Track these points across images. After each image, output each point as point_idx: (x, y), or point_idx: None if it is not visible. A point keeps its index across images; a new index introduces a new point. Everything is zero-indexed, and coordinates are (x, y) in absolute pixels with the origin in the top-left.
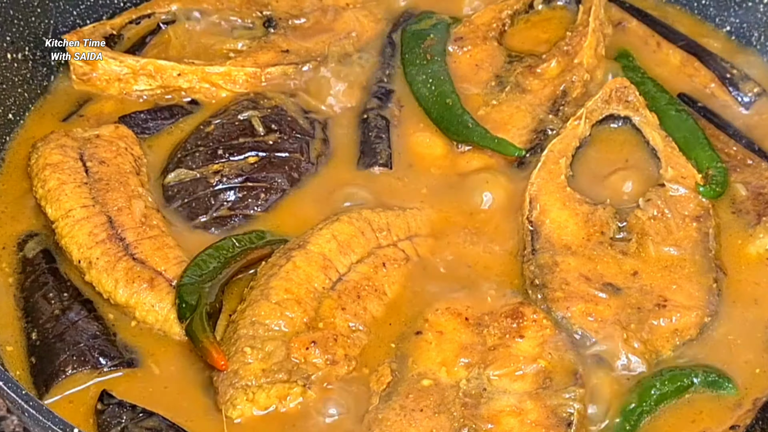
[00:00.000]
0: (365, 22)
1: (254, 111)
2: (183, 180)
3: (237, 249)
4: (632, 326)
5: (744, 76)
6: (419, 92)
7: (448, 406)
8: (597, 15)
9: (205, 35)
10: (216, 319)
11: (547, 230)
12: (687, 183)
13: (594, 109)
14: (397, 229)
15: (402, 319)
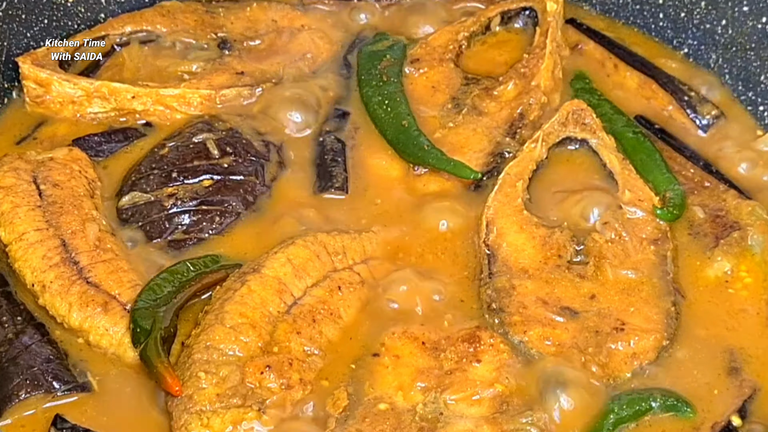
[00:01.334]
0: (320, 43)
1: (209, 134)
2: (137, 203)
3: (191, 273)
4: (590, 350)
5: (702, 99)
6: (375, 113)
7: (405, 430)
8: (554, 37)
9: (160, 57)
10: (170, 344)
11: (504, 254)
12: (644, 206)
13: (551, 131)
14: (353, 253)
15: (358, 343)
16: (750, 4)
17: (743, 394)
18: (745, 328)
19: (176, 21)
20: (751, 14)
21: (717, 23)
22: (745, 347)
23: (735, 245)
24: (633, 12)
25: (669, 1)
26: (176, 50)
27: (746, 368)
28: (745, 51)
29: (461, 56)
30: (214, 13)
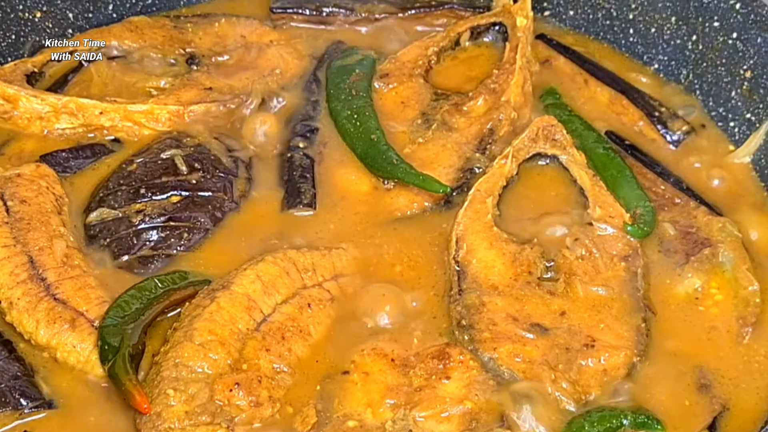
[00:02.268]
0: (289, 59)
1: (177, 149)
2: (105, 219)
3: (160, 289)
4: (560, 367)
5: (672, 115)
6: (344, 128)
7: None
8: (524, 52)
9: (128, 73)
10: (139, 361)
11: (473, 270)
12: (615, 222)
13: (521, 147)
14: (323, 269)
15: (328, 360)
16: (720, 19)
17: (713, 410)
18: (715, 345)
19: (144, 37)
20: (722, 30)
21: (687, 39)
22: (715, 364)
23: (705, 262)
24: (603, 27)
25: (639, 17)
26: (144, 66)
27: (716, 385)
28: (715, 67)
29: (431, 71)
30: (182, 29)
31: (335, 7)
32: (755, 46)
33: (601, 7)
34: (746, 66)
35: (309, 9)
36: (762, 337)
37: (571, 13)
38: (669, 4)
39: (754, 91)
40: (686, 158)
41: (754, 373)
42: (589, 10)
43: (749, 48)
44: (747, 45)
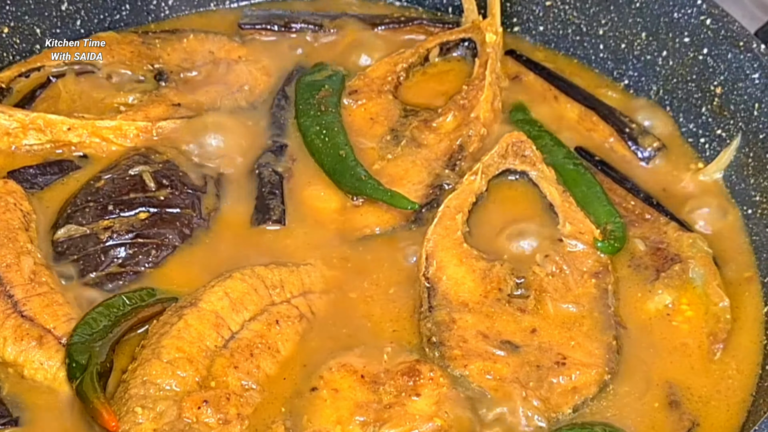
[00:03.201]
0: (258, 75)
1: (145, 166)
2: (73, 236)
3: (127, 307)
4: (531, 384)
5: (643, 131)
6: (312, 144)
7: None
8: (493, 68)
9: (96, 89)
10: (107, 379)
11: (444, 287)
12: (585, 238)
13: (490, 163)
14: (291, 286)
15: (296, 377)
16: (691, 35)
17: (683, 427)
18: (686, 361)
19: (113, 52)
20: (692, 45)
21: (658, 54)
22: (685, 381)
23: (676, 278)
24: (573, 43)
25: (609, 33)
26: (112, 82)
27: (686, 402)
28: (686, 82)
29: (400, 88)
30: (150, 45)
31: (304, 23)
32: (726, 62)
33: (570, 23)
34: (717, 82)
35: (278, 25)
36: (732, 354)
37: (540, 28)
38: (639, 20)
39: (724, 107)
40: (657, 174)
41: (725, 390)
42: (559, 25)
43: (720, 64)
44: (717, 61)
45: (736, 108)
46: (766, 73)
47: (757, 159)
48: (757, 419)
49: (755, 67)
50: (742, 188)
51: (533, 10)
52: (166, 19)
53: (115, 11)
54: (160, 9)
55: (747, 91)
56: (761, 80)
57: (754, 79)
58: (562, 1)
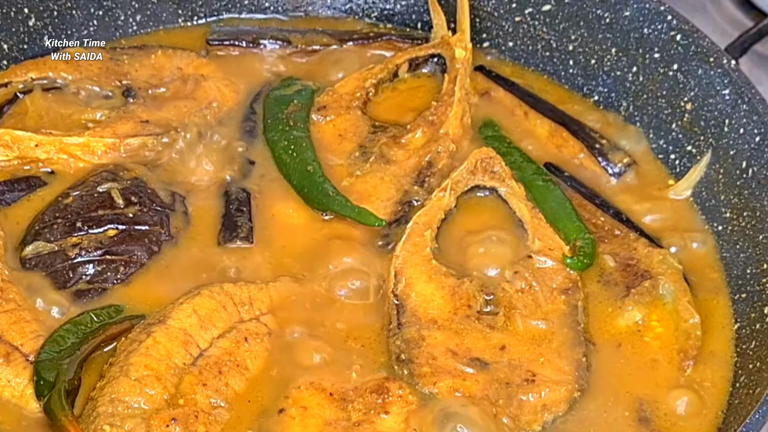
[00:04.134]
0: (226, 91)
1: (114, 183)
2: (41, 253)
3: (95, 324)
4: (501, 401)
5: (613, 147)
6: (280, 159)
7: None
8: (462, 84)
9: (64, 105)
10: (75, 396)
11: (412, 304)
12: (554, 255)
13: (459, 180)
14: (260, 303)
15: (265, 395)
16: (661, 51)
17: None
18: (656, 378)
19: (80, 68)
20: (662, 61)
21: (628, 70)
22: (655, 397)
23: (646, 294)
24: (543, 59)
25: (579, 48)
26: (80, 98)
27: (656, 418)
28: (656, 98)
29: (369, 104)
30: (118, 61)
31: (272, 39)
32: (696, 77)
33: (540, 39)
34: (687, 98)
35: (246, 41)
36: (703, 370)
37: (510, 44)
38: (609, 36)
39: (694, 123)
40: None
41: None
42: (529, 41)
43: (690, 80)
44: (688, 77)
45: (707, 124)
46: (736, 89)
47: (728, 175)
48: None
49: (725, 83)
50: (713, 205)
51: (503, 25)
52: (134, 35)
53: (82, 27)
54: (128, 25)
55: (717, 107)
56: (731, 96)
57: (725, 95)
58: (532, 17)
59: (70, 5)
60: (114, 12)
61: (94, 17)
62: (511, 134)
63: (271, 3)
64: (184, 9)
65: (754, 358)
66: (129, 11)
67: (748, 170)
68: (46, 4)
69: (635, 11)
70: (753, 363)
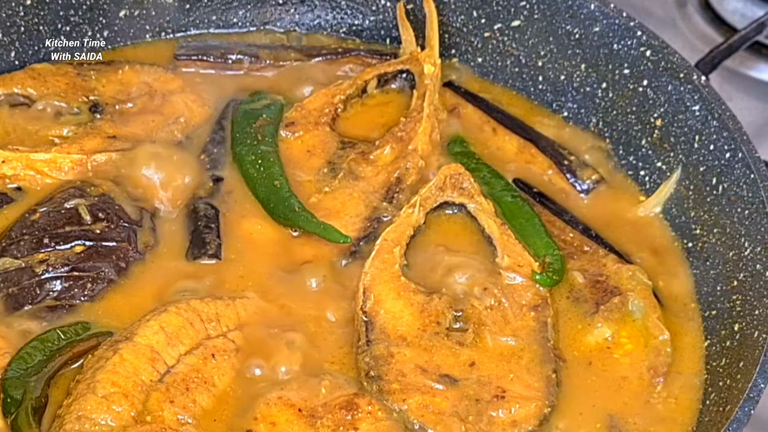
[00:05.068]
0: (194, 107)
1: (81, 199)
2: (8, 269)
3: (62, 341)
4: (471, 418)
5: (582, 163)
6: (247, 173)
7: None
8: (431, 100)
9: (30, 121)
10: (42, 414)
11: (381, 321)
12: (523, 271)
13: (428, 196)
14: (227, 320)
15: (233, 411)
16: (631, 66)
17: None
18: (626, 394)
19: (47, 84)
20: (632, 77)
21: (597, 86)
22: (626, 414)
23: (615, 311)
24: (512, 75)
25: (548, 64)
26: (47, 114)
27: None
28: (625, 114)
29: (337, 119)
30: (85, 77)
31: (240, 54)
32: (666, 93)
33: (509, 54)
34: (657, 114)
35: (214, 56)
36: (672, 386)
37: (479, 60)
38: (578, 51)
39: (664, 140)
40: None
41: (666, 422)
42: (498, 57)
43: (660, 96)
44: (657, 93)
45: (677, 140)
46: (706, 105)
47: (698, 192)
48: None
49: (695, 99)
50: (683, 221)
51: (471, 41)
52: (102, 51)
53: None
54: (95, 40)
55: (687, 123)
56: (701, 112)
57: (695, 111)
58: (501, 33)
59: (37, 21)
60: (81, 27)
61: (62, 33)
62: (479, 150)
63: (239, 19)
64: (152, 24)
65: (725, 376)
66: (96, 27)
67: (718, 187)
68: (12, 20)
69: (605, 27)
70: (723, 380)
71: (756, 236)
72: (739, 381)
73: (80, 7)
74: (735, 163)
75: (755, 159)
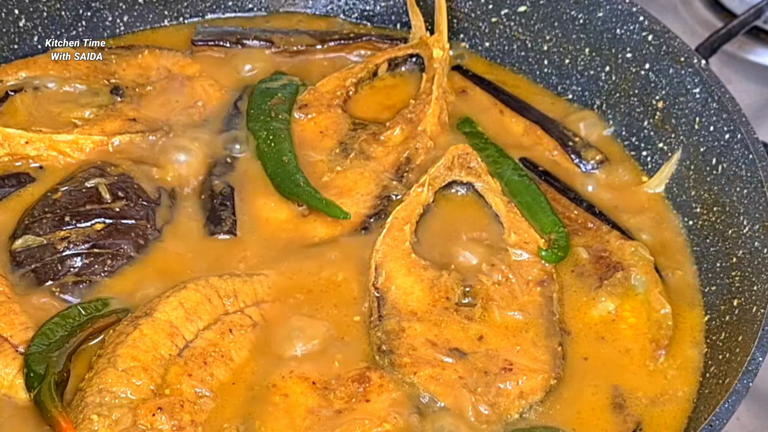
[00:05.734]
0: (211, 91)
1: (101, 178)
2: (30, 246)
3: (83, 317)
4: (479, 390)
5: (586, 144)
6: (259, 148)
7: None
8: (440, 83)
9: (53, 103)
10: (64, 388)
11: (393, 297)
12: (530, 248)
13: (437, 175)
14: (244, 296)
15: (249, 384)
16: (633, 51)
17: (627, 429)
18: (629, 366)
19: (69, 68)
20: (634, 61)
21: (601, 70)
22: (629, 384)
23: (618, 285)
24: (518, 59)
25: (553, 48)
26: (69, 96)
27: (630, 404)
28: (628, 97)
29: (349, 102)
30: (106, 60)
31: (255, 40)
32: (667, 77)
33: (516, 39)
34: (658, 96)
35: (230, 41)
36: (674, 360)
37: (486, 44)
38: (583, 36)
39: (666, 121)
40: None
41: (667, 393)
42: (505, 41)
43: (661, 79)
44: (659, 76)
45: (678, 122)
46: (706, 87)
47: (698, 171)
48: (698, 425)
49: (696, 81)
50: (684, 200)
51: (479, 26)
52: (122, 35)
53: (71, 27)
54: (115, 25)
55: (688, 106)
56: (702, 95)
57: (695, 94)
58: (508, 18)
59: (59, 6)
60: (102, 13)
61: (83, 18)
62: (486, 131)
63: (254, 4)
64: (170, 10)
65: (724, 349)
66: (116, 12)
67: (717, 167)
68: (35, 5)
69: (608, 12)
70: (723, 354)
71: (754, 215)
72: (738, 354)
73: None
74: (734, 144)
75: (753, 140)
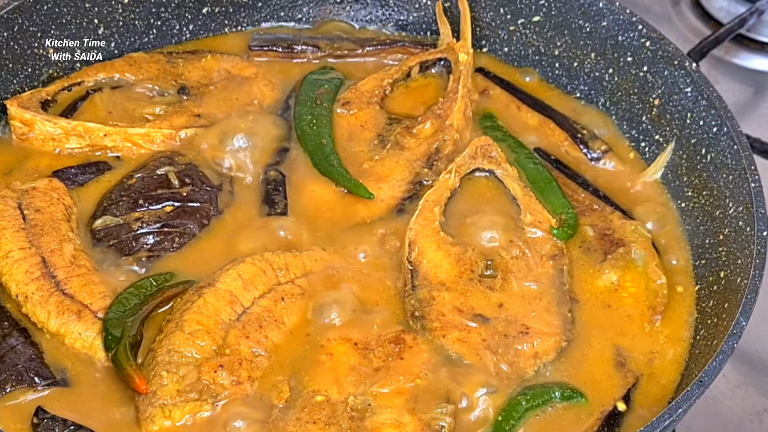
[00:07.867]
0: (266, 90)
1: (170, 167)
2: (109, 225)
3: (154, 288)
4: (500, 351)
5: (592, 136)
6: (303, 130)
7: (338, 419)
8: (465, 83)
9: (128, 101)
10: (137, 349)
11: (424, 269)
12: (543, 226)
13: (462, 164)
14: (295, 268)
15: (299, 345)
16: (633, 55)
17: (627, 383)
18: (630, 329)
19: (142, 70)
20: (634, 64)
21: (605, 71)
22: (629, 345)
23: (620, 259)
24: (533, 62)
25: (564, 53)
26: (142, 95)
27: (630, 362)
28: (629, 95)
29: (386, 99)
30: (174, 63)
31: (305, 45)
32: (662, 77)
33: (531, 45)
34: (655, 95)
35: (282, 46)
36: (669, 324)
37: (505, 49)
38: (589, 42)
39: (661, 116)
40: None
41: (663, 352)
42: (521, 47)
43: (657, 79)
44: (655, 77)
45: (672, 117)
46: (697, 87)
47: (689, 160)
48: (689, 381)
49: (688, 82)
50: (677, 185)
51: (499, 34)
52: (187, 42)
53: (143, 35)
54: (182, 33)
55: (681, 103)
56: (693, 93)
57: (687, 93)
58: (524, 26)
59: (134, 17)
60: (170, 22)
61: (154, 26)
62: (506, 125)
63: (303, 14)
64: (230, 19)
65: (712, 315)
66: (183, 21)
67: (707, 156)
68: (113, 16)
69: (611, 22)
70: (711, 319)
71: (738, 198)
72: (724, 320)
73: (169, 5)
74: (721, 136)
75: (737, 132)
